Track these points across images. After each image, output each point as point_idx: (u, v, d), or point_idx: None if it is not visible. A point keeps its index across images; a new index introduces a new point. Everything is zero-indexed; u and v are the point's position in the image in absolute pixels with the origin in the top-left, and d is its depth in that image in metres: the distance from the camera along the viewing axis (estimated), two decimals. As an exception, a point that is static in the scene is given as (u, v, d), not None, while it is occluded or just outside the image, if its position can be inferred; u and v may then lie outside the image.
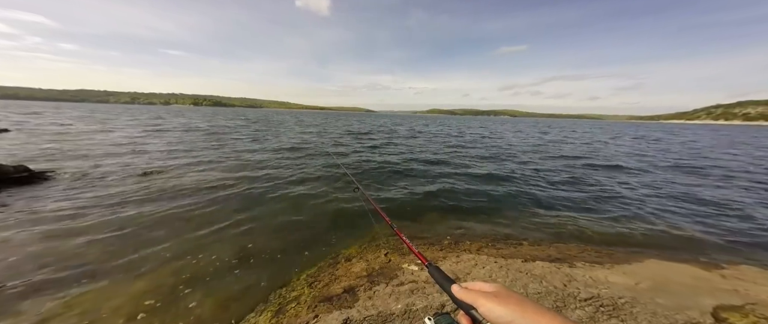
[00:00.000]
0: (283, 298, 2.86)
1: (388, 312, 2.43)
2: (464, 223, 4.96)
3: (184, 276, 3.16)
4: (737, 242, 4.48)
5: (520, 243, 4.25)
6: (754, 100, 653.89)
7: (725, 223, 5.27)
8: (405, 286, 2.86)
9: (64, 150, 9.91)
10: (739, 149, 18.64)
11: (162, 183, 6.53)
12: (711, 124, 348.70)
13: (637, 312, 2.44)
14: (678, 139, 27.04)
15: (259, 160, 9.96)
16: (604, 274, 3.14)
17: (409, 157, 11.84)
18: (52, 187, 5.87)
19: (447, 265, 3.37)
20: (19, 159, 7.88)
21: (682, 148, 18.35)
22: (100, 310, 2.62)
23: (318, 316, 2.46)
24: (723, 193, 7.26)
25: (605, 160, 12.52)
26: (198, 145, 12.78)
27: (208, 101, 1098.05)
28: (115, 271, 3.20)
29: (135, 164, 8.21)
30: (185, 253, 3.63)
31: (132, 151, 10.33)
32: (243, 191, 6.24)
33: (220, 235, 4.17)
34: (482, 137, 23.64)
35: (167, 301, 2.78)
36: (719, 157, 14.22)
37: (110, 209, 4.87)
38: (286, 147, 13.41)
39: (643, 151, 16.18)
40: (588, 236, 4.60)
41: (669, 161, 12.54)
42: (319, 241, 4.15)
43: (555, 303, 2.55)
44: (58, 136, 13.23)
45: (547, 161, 11.83)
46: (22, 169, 6.16)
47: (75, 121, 23.42)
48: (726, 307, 2.61)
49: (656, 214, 5.63)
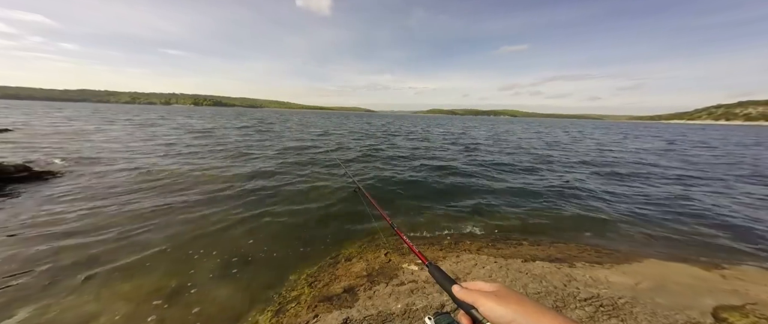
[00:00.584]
0: (283, 298, 2.87)
1: (388, 312, 2.43)
2: (464, 224, 4.96)
3: (184, 275, 3.16)
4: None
5: (520, 243, 4.25)
6: (755, 101, 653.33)
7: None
8: (405, 285, 2.86)
9: (65, 150, 9.91)
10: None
11: (162, 182, 6.54)
12: (711, 124, 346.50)
13: (637, 312, 2.44)
14: (716, 139, 25.08)
15: (260, 160, 9.97)
16: (604, 274, 3.14)
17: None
18: (52, 187, 5.87)
19: (447, 264, 3.37)
20: (20, 159, 7.89)
21: (737, 150, 16.18)
22: (100, 310, 2.63)
23: (318, 315, 2.47)
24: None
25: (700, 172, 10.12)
26: (199, 145, 12.79)
27: (208, 101, 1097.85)
28: (114, 271, 3.20)
29: (135, 164, 8.21)
30: (185, 252, 3.64)
31: (132, 151, 10.33)
32: (243, 191, 6.24)
33: (220, 235, 4.18)
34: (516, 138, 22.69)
35: (167, 300, 2.78)
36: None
37: (110, 209, 4.87)
38: (291, 147, 13.43)
39: (701, 158, 13.70)
40: (588, 237, 4.60)
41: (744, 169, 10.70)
42: (319, 240, 4.16)
43: (555, 303, 2.55)
44: (58, 136, 13.24)
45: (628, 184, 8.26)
46: (22, 168, 6.17)
47: (76, 120, 23.43)
48: (726, 307, 2.61)
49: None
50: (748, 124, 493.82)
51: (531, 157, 12.93)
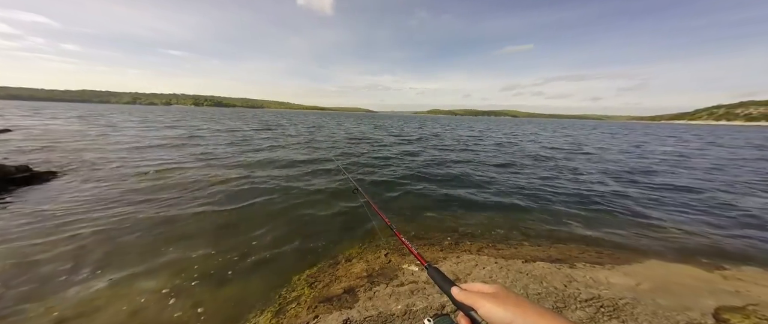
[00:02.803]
0: (283, 299, 2.86)
1: (388, 313, 2.43)
2: (465, 224, 4.95)
3: (184, 276, 3.16)
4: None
5: (521, 244, 4.24)
6: (756, 101, 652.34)
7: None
8: (405, 286, 2.86)
9: (66, 150, 9.93)
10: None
11: (162, 183, 6.54)
12: (711, 124, 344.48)
13: (638, 313, 2.43)
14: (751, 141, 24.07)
15: (260, 161, 9.97)
16: (604, 275, 3.13)
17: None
18: (53, 187, 5.88)
19: (447, 265, 3.36)
20: (22, 159, 7.90)
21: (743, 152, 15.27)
22: (100, 311, 2.63)
23: (318, 316, 2.46)
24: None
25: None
26: (200, 144, 12.80)
27: (208, 101, 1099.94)
28: (114, 271, 3.20)
29: (135, 164, 8.22)
30: (185, 253, 3.64)
31: (132, 151, 10.34)
32: (243, 192, 6.24)
33: (220, 236, 4.18)
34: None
35: (167, 300, 2.78)
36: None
37: (110, 209, 4.88)
38: (293, 145, 13.43)
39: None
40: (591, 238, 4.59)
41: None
42: (319, 241, 4.15)
43: (555, 304, 2.54)
44: (59, 137, 13.25)
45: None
46: (23, 168, 6.18)
47: (76, 121, 23.46)
48: (727, 308, 2.60)
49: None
50: (749, 124, 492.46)
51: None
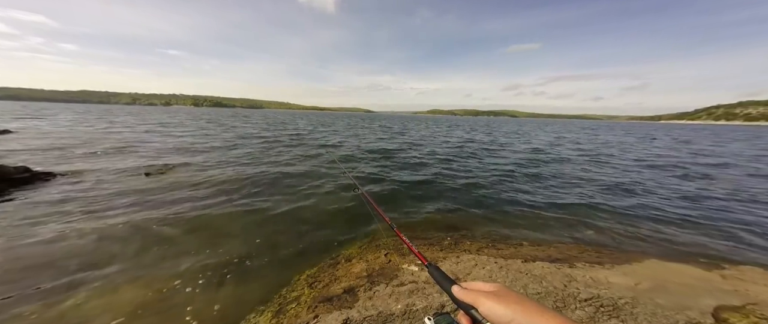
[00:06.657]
0: (283, 298, 2.86)
1: (388, 312, 2.43)
2: (465, 224, 4.95)
3: (184, 276, 3.16)
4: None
5: (521, 243, 4.25)
6: (755, 101, 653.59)
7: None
8: (405, 286, 2.86)
9: (66, 150, 9.92)
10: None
11: (162, 183, 6.53)
12: (711, 125, 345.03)
13: (638, 312, 2.44)
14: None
15: (261, 161, 9.96)
16: (604, 275, 3.14)
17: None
18: (53, 188, 5.87)
19: (447, 265, 3.36)
20: (21, 159, 7.89)
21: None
22: (100, 311, 2.63)
23: (318, 316, 2.46)
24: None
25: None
26: (201, 145, 12.79)
27: (208, 102, 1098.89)
28: (113, 272, 3.20)
29: (135, 164, 8.21)
30: (185, 253, 3.63)
31: (132, 151, 10.34)
32: (243, 192, 6.23)
33: (220, 235, 4.18)
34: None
35: (167, 301, 2.78)
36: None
37: (110, 210, 4.87)
38: (294, 146, 13.42)
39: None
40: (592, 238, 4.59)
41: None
42: (319, 241, 4.15)
43: (555, 303, 2.55)
44: (59, 137, 13.24)
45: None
46: (22, 169, 6.16)
47: (77, 121, 23.43)
48: (726, 308, 2.60)
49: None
50: (748, 124, 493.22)
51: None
